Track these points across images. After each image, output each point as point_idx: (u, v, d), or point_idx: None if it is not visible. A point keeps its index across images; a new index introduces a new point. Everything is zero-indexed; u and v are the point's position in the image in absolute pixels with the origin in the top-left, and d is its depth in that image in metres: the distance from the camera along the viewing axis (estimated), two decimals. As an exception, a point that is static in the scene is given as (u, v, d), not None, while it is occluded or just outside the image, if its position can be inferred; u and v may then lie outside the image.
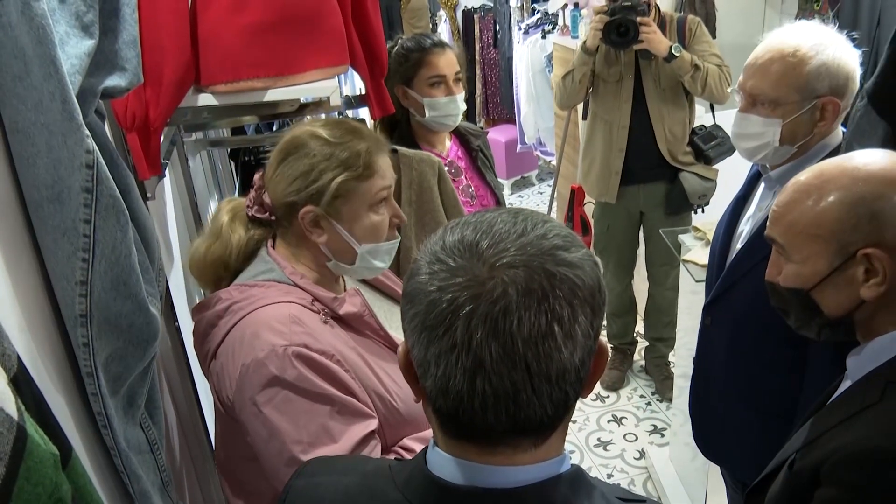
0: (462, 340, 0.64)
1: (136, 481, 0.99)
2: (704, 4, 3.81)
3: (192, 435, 1.62)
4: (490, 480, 0.70)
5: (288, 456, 1.13)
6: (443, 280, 0.65)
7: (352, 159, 1.23)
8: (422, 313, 0.66)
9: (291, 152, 1.24)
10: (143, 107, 1.26)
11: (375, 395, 1.22)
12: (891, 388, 1.00)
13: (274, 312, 1.18)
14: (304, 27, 1.38)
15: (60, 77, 0.78)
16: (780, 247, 1.12)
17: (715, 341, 1.73)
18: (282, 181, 1.24)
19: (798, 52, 1.45)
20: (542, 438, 0.70)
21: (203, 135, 2.18)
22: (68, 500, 0.65)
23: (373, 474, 0.79)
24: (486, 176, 2.14)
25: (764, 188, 1.65)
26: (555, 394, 0.66)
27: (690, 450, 2.50)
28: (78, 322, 0.88)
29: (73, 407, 0.92)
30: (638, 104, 2.82)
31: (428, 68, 1.93)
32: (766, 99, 1.49)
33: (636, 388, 3.42)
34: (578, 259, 0.67)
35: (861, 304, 1.05)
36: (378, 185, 1.26)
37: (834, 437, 1.02)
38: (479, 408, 0.66)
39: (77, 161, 0.82)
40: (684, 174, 2.86)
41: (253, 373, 1.14)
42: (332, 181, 1.22)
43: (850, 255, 1.03)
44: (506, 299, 0.63)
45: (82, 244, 0.85)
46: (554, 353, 0.65)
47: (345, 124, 1.29)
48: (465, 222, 0.71)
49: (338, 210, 1.24)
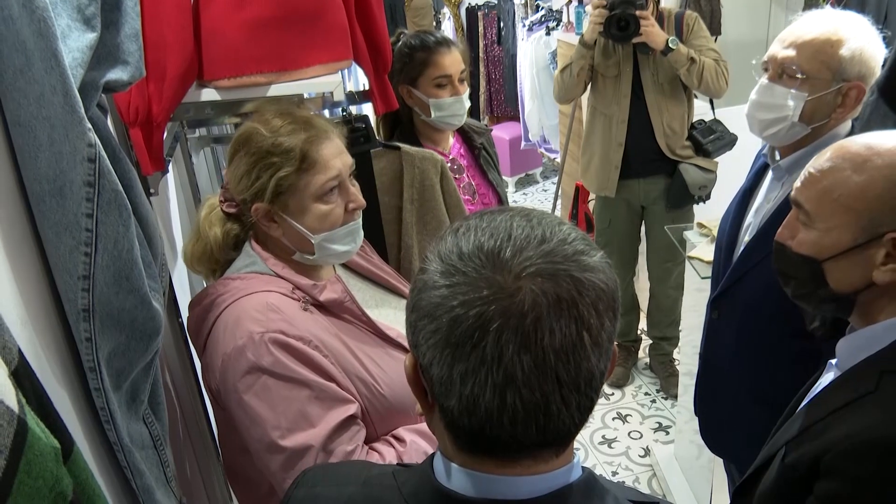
0: (492, 356, 0.61)
1: (139, 477, 0.99)
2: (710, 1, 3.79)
3: (196, 430, 1.62)
4: (505, 492, 0.68)
5: (268, 441, 1.15)
6: (465, 294, 0.62)
7: (289, 153, 1.23)
8: (444, 329, 0.63)
9: (238, 149, 1.26)
10: (146, 102, 1.26)
11: (359, 380, 1.23)
12: (886, 377, 0.98)
13: (252, 302, 1.21)
14: (307, 22, 1.37)
15: (62, 70, 0.78)
16: (806, 212, 1.09)
17: (722, 335, 1.72)
18: (233, 180, 1.27)
19: (838, 33, 1.46)
20: (563, 447, 0.69)
21: (207, 131, 2.18)
22: (69, 493, 0.64)
23: (376, 483, 0.77)
24: (488, 174, 2.13)
25: (771, 179, 1.64)
26: (583, 402, 0.65)
27: (695, 447, 2.49)
28: (80, 317, 0.87)
29: (76, 402, 0.92)
30: (636, 98, 2.83)
31: (434, 68, 1.91)
32: (797, 70, 1.49)
33: (641, 386, 3.41)
34: (599, 263, 0.66)
35: (868, 287, 1.03)
36: (322, 177, 1.25)
37: (829, 427, 1.00)
38: (507, 423, 0.64)
39: (79, 155, 0.82)
40: (684, 166, 2.86)
41: (233, 361, 1.17)
42: (272, 178, 1.23)
43: (878, 235, 1.01)
44: (536, 311, 0.61)
45: (84, 238, 0.85)
46: (583, 362, 0.63)
47: (290, 115, 1.28)
48: (476, 227, 0.67)
49: (285, 203, 1.25)
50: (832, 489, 0.96)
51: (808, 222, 1.09)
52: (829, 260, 1.06)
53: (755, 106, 1.59)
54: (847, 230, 1.04)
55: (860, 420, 0.97)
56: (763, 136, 1.60)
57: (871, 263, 1.02)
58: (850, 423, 0.98)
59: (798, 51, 1.49)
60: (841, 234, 1.04)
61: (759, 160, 1.72)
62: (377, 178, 1.83)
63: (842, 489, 0.95)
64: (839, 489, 0.95)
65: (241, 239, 1.33)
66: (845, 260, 1.04)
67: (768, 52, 1.57)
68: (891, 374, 0.99)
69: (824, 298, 1.10)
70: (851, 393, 1.01)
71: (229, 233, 1.32)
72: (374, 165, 1.83)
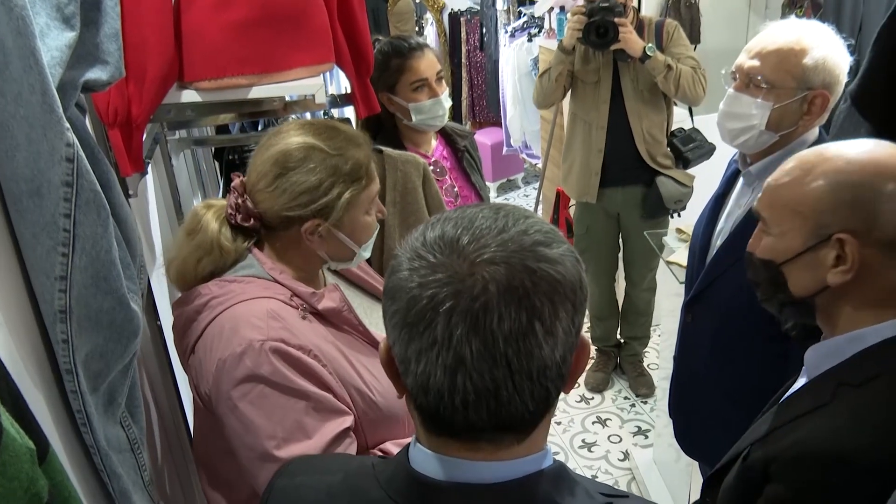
0: (442, 337, 0.64)
1: (116, 480, 0.98)
2: (689, 10, 3.84)
3: (174, 434, 1.60)
4: (472, 476, 0.69)
5: (262, 451, 1.14)
6: (423, 276, 0.65)
7: (356, 171, 1.23)
8: (402, 310, 0.66)
9: (291, 167, 1.21)
10: (125, 103, 1.25)
11: (354, 389, 1.22)
12: (842, 389, 1.00)
13: (252, 308, 1.18)
14: (289, 24, 1.37)
15: (40, 69, 0.77)
16: (763, 220, 1.13)
17: (696, 338, 1.74)
18: (283, 196, 1.22)
19: (801, 42, 1.49)
20: (524, 434, 0.70)
21: (187, 133, 2.17)
22: (44, 494, 0.64)
23: (356, 473, 0.79)
24: (471, 176, 2.14)
25: (742, 185, 1.67)
26: (536, 390, 0.66)
27: (674, 451, 2.51)
28: (57, 318, 0.86)
29: (52, 404, 0.91)
30: (616, 105, 2.85)
31: (409, 73, 1.94)
32: (762, 81, 1.52)
33: (620, 391, 3.43)
34: (559, 255, 0.67)
35: (824, 289, 1.05)
36: (373, 189, 1.28)
37: (785, 434, 1.02)
38: (460, 405, 0.65)
39: (57, 154, 0.81)
40: (661, 178, 2.90)
41: (230, 367, 1.14)
42: (342, 196, 1.22)
43: (825, 237, 1.03)
44: (486, 296, 0.63)
45: (62, 239, 0.84)
46: (535, 350, 0.64)
47: (338, 131, 1.27)
48: (446, 218, 0.70)
49: (341, 220, 1.24)
50: (778, 494, 0.98)
51: (766, 229, 1.12)
52: (786, 263, 1.09)
53: (724, 115, 1.62)
54: (798, 234, 1.06)
55: (811, 429, 0.99)
56: (733, 144, 1.63)
57: (823, 266, 1.04)
58: (802, 431, 1.00)
59: (762, 61, 1.53)
60: (793, 238, 1.07)
61: (731, 166, 1.76)
62: (359, 182, 1.83)
63: (786, 495, 0.97)
64: (785, 495, 0.97)
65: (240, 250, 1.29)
66: (799, 263, 1.07)
67: (736, 62, 1.60)
68: (847, 386, 1.01)
69: (785, 302, 1.12)
70: (810, 402, 1.04)
71: (241, 247, 1.27)
72: (355, 169, 1.83)
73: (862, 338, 1.03)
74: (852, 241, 1.01)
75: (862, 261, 1.01)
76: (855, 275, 1.02)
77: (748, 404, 1.34)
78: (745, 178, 1.66)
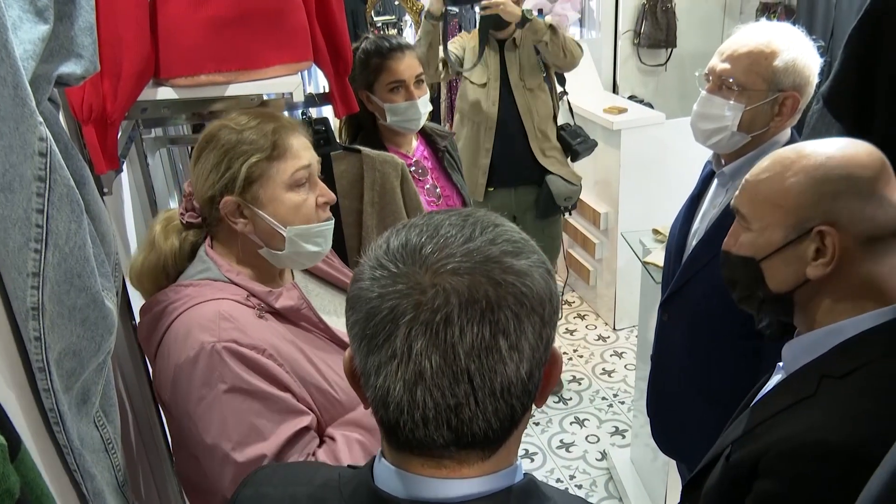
0: (402, 350, 0.61)
1: (90, 480, 0.97)
2: (666, 14, 3.89)
3: (149, 435, 1.58)
4: (433, 493, 0.67)
5: (220, 454, 1.13)
6: (384, 287, 0.63)
7: (259, 141, 1.22)
8: (362, 321, 0.64)
9: (204, 147, 1.24)
10: (100, 99, 1.24)
11: (315, 387, 1.21)
12: (825, 381, 1.01)
13: (204, 311, 1.18)
14: (266, 22, 1.36)
15: (13, 62, 0.76)
16: (742, 216, 1.14)
17: (672, 337, 1.76)
18: (199, 178, 1.24)
19: (771, 44, 1.52)
20: (490, 451, 0.67)
21: (163, 131, 2.15)
22: (16, 491, 0.63)
23: (321, 485, 0.77)
24: (452, 176, 2.14)
25: (717, 185, 1.70)
26: (500, 408, 0.64)
27: (651, 450, 2.53)
28: (29, 315, 0.85)
29: (25, 402, 0.89)
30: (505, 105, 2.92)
31: (387, 73, 1.94)
32: (734, 83, 1.55)
33: (598, 391, 3.45)
34: (528, 266, 0.65)
35: (804, 284, 1.07)
36: (292, 165, 1.24)
37: (770, 430, 1.03)
38: (420, 420, 0.63)
39: (29, 149, 0.80)
40: (551, 178, 2.98)
41: (185, 372, 1.14)
42: (242, 165, 1.21)
43: (806, 230, 1.05)
44: (447, 308, 0.60)
45: (35, 234, 0.83)
46: (499, 367, 0.62)
47: (255, 111, 1.28)
48: (412, 224, 0.68)
49: (255, 195, 1.23)
50: (769, 489, 0.99)
51: (746, 225, 1.13)
52: (766, 259, 1.10)
53: (697, 117, 1.64)
54: (778, 228, 1.08)
55: (799, 422, 1.00)
56: (706, 144, 1.65)
57: (803, 260, 1.06)
58: (790, 425, 1.01)
59: (734, 64, 1.55)
60: (773, 233, 1.08)
61: (706, 168, 1.78)
62: (337, 182, 1.83)
63: (778, 489, 0.98)
64: (776, 489, 0.98)
65: (196, 247, 1.30)
66: (780, 257, 1.08)
67: (709, 64, 1.62)
68: (829, 378, 1.02)
69: (763, 299, 1.13)
70: (793, 396, 1.04)
71: (186, 240, 1.30)
72: (334, 168, 1.83)
73: (841, 330, 1.04)
74: (834, 233, 1.02)
75: (842, 253, 1.03)
76: (834, 268, 1.03)
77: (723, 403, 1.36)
78: (719, 179, 1.68)
